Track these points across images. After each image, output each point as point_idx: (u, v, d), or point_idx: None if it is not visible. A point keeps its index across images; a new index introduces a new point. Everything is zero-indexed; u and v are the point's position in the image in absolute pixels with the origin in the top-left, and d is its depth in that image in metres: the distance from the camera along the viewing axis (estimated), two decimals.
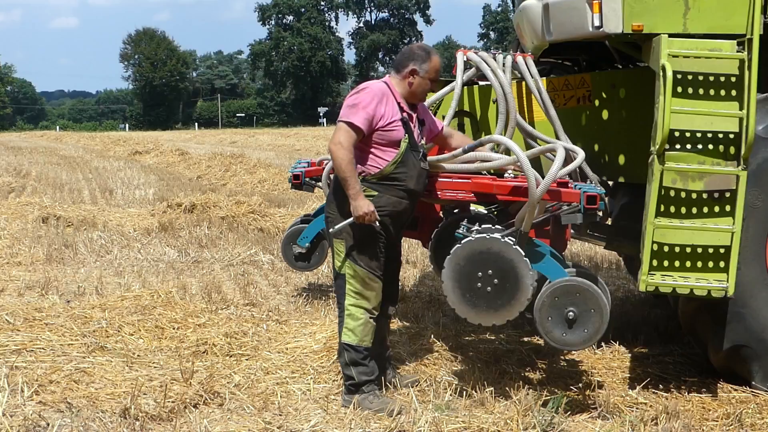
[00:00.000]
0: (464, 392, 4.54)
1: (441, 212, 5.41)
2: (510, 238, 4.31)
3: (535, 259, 4.36)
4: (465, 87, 5.47)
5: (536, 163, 5.38)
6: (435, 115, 5.31)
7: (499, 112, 5.14)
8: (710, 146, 4.33)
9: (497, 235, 4.30)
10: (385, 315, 4.65)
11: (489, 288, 4.32)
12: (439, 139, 4.82)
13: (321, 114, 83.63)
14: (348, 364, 4.41)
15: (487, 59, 5.27)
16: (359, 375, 4.40)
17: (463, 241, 4.41)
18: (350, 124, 4.21)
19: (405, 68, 4.42)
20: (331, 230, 4.41)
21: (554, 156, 4.35)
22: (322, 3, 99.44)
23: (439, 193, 4.69)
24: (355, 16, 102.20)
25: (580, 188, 4.47)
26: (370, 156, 4.32)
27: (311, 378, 4.72)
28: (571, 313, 4.19)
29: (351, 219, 4.27)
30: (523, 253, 4.24)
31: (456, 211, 5.27)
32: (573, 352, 5.36)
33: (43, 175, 18.98)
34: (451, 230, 4.92)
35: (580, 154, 4.89)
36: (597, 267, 8.30)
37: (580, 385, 4.73)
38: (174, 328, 5.63)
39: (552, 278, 4.35)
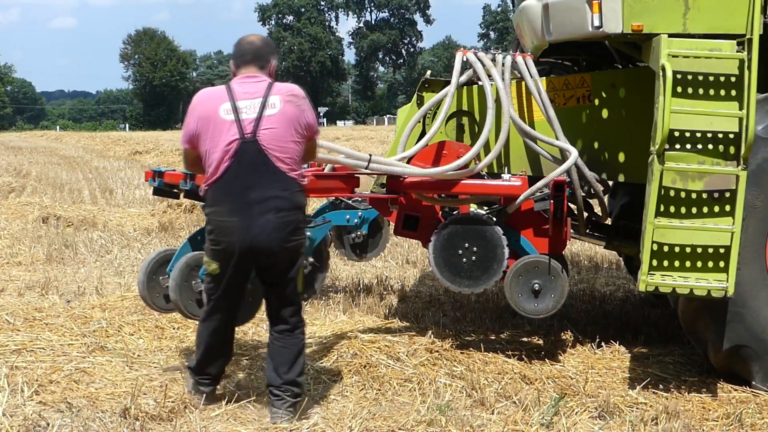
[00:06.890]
0: (464, 392, 4.54)
1: (440, 213, 5.41)
2: None
3: None
4: (465, 87, 5.47)
5: (536, 162, 5.39)
6: (435, 115, 5.32)
7: (487, 117, 5.11)
8: (710, 146, 4.33)
9: None
10: None
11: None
12: None
13: (321, 114, 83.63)
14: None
15: (484, 60, 5.27)
16: None
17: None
18: None
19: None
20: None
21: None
22: (322, 3, 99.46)
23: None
24: (355, 16, 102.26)
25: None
26: None
27: (311, 378, 4.72)
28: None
29: None
30: None
31: (456, 212, 5.28)
32: (572, 351, 5.37)
33: (43, 175, 18.98)
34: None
35: (573, 154, 4.90)
36: (597, 267, 8.31)
37: (580, 385, 4.73)
38: (174, 328, 5.63)
39: None
